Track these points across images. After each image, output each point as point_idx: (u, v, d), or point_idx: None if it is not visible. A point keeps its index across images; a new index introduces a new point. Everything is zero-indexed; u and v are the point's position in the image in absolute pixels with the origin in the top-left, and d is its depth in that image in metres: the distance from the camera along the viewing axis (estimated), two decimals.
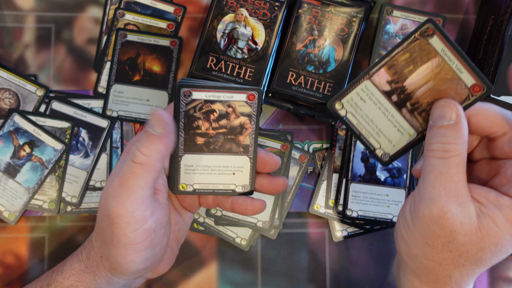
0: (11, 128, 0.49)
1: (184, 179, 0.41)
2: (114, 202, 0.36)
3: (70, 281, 0.40)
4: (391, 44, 0.53)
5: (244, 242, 0.50)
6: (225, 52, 0.47)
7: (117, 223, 0.36)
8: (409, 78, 0.36)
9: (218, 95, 0.39)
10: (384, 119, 0.38)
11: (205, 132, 0.40)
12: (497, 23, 0.47)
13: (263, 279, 0.50)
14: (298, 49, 0.48)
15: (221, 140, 0.40)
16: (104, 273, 0.40)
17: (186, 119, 0.39)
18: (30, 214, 0.50)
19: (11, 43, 0.52)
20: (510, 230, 0.32)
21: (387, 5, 0.53)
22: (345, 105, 0.38)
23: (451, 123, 0.34)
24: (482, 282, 0.51)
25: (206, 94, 0.39)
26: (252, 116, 0.40)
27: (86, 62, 0.52)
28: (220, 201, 0.42)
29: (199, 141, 0.40)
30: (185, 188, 0.41)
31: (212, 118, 0.40)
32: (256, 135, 0.40)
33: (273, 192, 0.42)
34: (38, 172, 0.49)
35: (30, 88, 0.50)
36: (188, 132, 0.40)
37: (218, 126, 0.40)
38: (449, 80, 0.36)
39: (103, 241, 0.38)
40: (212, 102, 0.39)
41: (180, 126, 0.39)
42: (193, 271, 0.50)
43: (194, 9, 0.53)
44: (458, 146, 0.33)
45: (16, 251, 0.49)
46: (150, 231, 0.37)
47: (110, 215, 0.36)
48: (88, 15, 0.52)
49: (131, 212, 0.36)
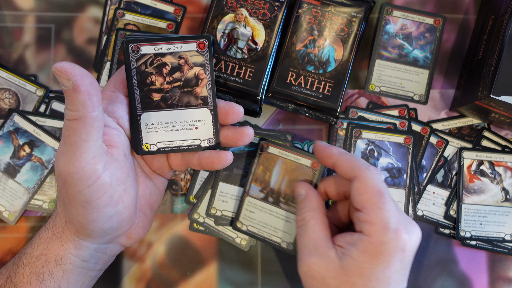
0: (11, 128, 0.49)
1: (147, 139, 0.40)
2: (62, 161, 0.35)
3: (39, 250, 0.40)
4: (391, 44, 0.53)
5: (244, 242, 0.50)
6: (225, 52, 0.47)
7: (69, 182, 0.35)
8: (271, 181, 0.48)
9: (167, 47, 0.38)
10: (273, 218, 0.48)
11: (160, 87, 0.39)
12: (497, 23, 0.47)
13: (263, 279, 0.50)
14: (298, 49, 0.48)
15: (178, 94, 0.39)
16: (70, 237, 0.39)
17: (139, 75, 0.38)
18: (30, 214, 0.50)
19: (11, 43, 0.52)
20: (366, 258, 0.37)
21: (387, 5, 0.53)
22: (244, 222, 0.48)
23: (302, 197, 0.43)
24: (482, 282, 0.51)
25: (155, 48, 0.38)
26: (205, 66, 0.39)
27: (86, 62, 0.52)
28: (188, 159, 0.42)
29: (155, 97, 0.39)
30: (148, 148, 0.40)
31: (165, 72, 0.38)
32: (213, 85, 0.39)
33: (239, 144, 0.41)
34: (38, 172, 0.49)
35: (30, 88, 0.50)
36: (143, 89, 0.39)
37: (173, 80, 0.39)
38: (295, 169, 0.47)
39: (64, 204, 0.38)
40: (163, 55, 0.38)
41: (133, 83, 0.38)
42: (193, 271, 0.50)
43: (194, 9, 0.53)
44: (310, 212, 0.42)
45: (16, 251, 0.49)
46: (106, 186, 0.36)
47: (61, 174, 0.35)
48: (88, 15, 0.52)
49: (81, 168, 0.35)
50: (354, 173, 0.40)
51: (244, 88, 0.47)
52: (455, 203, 0.51)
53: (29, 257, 0.40)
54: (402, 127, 0.51)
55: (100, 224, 0.37)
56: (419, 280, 0.50)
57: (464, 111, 0.51)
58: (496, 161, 0.51)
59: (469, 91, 0.49)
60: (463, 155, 0.51)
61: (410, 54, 0.53)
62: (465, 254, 0.51)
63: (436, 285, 0.50)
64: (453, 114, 0.53)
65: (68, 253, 0.39)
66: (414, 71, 0.52)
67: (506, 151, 0.52)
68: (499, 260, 0.51)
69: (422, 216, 0.51)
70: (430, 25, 0.53)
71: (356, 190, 0.39)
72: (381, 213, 0.38)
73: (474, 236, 0.50)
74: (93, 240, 0.39)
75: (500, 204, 0.51)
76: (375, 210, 0.38)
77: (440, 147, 0.52)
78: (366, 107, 0.52)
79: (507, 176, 0.51)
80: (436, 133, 0.52)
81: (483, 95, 0.45)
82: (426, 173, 0.51)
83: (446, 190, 0.51)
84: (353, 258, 0.37)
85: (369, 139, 0.50)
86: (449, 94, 0.53)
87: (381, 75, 0.52)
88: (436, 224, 0.51)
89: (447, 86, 0.53)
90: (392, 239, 0.37)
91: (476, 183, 0.51)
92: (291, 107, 0.49)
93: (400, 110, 0.52)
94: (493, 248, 0.51)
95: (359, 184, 0.39)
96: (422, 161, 0.51)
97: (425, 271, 0.50)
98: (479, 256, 0.51)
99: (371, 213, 0.38)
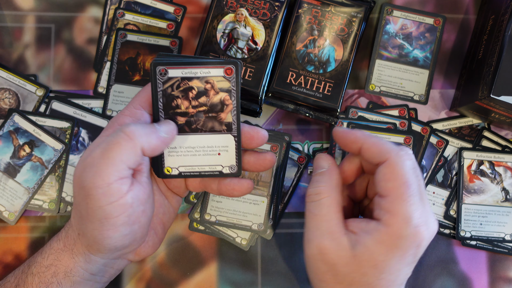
0: (11, 128, 0.49)
1: (169, 162, 0.40)
2: (92, 172, 0.35)
3: (49, 261, 0.40)
4: (391, 44, 0.52)
5: (244, 242, 0.50)
6: (225, 52, 0.47)
7: (92, 195, 0.35)
8: None
9: (194, 71, 0.38)
10: (240, 204, 0.48)
11: (185, 111, 0.39)
12: (497, 23, 0.47)
13: (263, 279, 0.50)
14: (298, 49, 0.48)
15: (202, 119, 0.39)
16: (81, 250, 0.39)
17: (165, 98, 0.38)
18: (30, 214, 0.50)
19: (11, 43, 0.52)
20: (382, 250, 0.35)
21: (387, 5, 0.53)
22: (212, 213, 0.47)
23: (324, 170, 0.40)
24: (482, 282, 0.51)
25: (183, 71, 0.38)
26: (232, 92, 0.38)
27: (86, 62, 0.52)
28: (207, 183, 0.42)
29: (180, 121, 0.39)
30: (170, 171, 0.40)
31: (191, 96, 0.38)
32: (238, 111, 0.39)
33: (260, 170, 0.41)
34: (38, 172, 0.49)
35: (30, 88, 0.50)
36: (168, 112, 0.38)
37: (198, 104, 0.39)
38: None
39: (80, 217, 0.37)
40: (190, 79, 0.38)
41: (159, 106, 0.38)
42: (193, 271, 0.50)
43: (194, 9, 0.53)
44: (327, 188, 0.38)
45: (16, 251, 0.49)
46: (126, 206, 0.36)
47: (86, 185, 0.35)
48: (88, 15, 0.52)
49: (108, 183, 0.35)
50: (384, 156, 0.37)
51: (244, 88, 0.47)
52: (455, 203, 0.51)
53: (38, 266, 0.40)
54: (402, 127, 0.51)
55: (114, 241, 0.37)
56: (419, 280, 0.50)
57: (464, 111, 0.51)
58: (496, 161, 0.51)
59: (469, 91, 0.49)
60: (463, 155, 0.51)
61: (410, 54, 0.53)
62: (465, 254, 0.51)
63: (436, 285, 0.50)
64: (453, 114, 0.53)
65: (77, 266, 0.39)
66: (414, 71, 0.52)
67: (506, 151, 0.52)
68: (499, 260, 0.51)
69: None
70: (430, 25, 0.53)
71: (383, 175, 0.37)
72: (405, 205, 0.35)
73: (474, 236, 0.50)
74: (103, 255, 0.39)
75: (500, 204, 0.51)
76: (399, 201, 0.36)
77: (440, 147, 0.52)
78: (366, 107, 0.52)
79: (507, 176, 0.51)
80: (436, 133, 0.52)
81: (483, 95, 0.44)
82: (426, 173, 0.51)
83: (446, 190, 0.51)
84: (367, 248, 0.36)
85: None
86: (449, 94, 0.53)
87: (381, 75, 0.52)
88: None
89: (447, 86, 0.53)
90: (412, 235, 0.35)
91: (476, 183, 0.51)
92: (291, 107, 0.49)
93: (400, 110, 0.52)
94: (493, 248, 0.51)
95: (387, 170, 0.37)
96: (422, 161, 0.51)
97: (425, 271, 0.50)
98: (479, 256, 0.51)
99: (395, 204, 0.36)
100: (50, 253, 0.40)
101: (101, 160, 0.35)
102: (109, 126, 0.39)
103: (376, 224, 0.36)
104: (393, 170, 0.36)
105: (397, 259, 0.36)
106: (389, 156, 0.37)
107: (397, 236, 0.35)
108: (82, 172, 0.35)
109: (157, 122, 0.39)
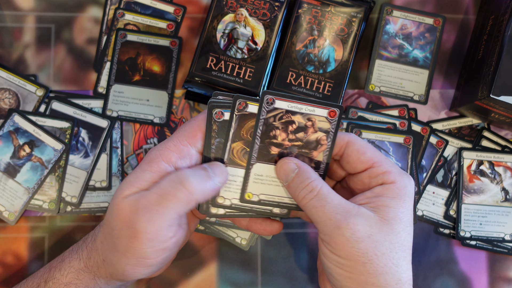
0: (11, 128, 0.49)
1: (252, 188, 0.40)
2: (145, 217, 0.35)
3: (69, 279, 0.40)
4: (391, 44, 0.53)
5: (244, 242, 0.50)
6: (225, 52, 0.47)
7: (139, 238, 0.36)
8: None
9: (300, 107, 0.39)
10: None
11: (281, 142, 0.39)
12: (497, 23, 0.47)
13: (263, 279, 0.50)
14: (298, 49, 0.48)
15: (295, 153, 0.40)
16: (104, 275, 0.40)
17: (265, 127, 0.39)
18: (30, 214, 0.50)
19: (11, 43, 0.52)
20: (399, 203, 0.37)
21: (387, 5, 0.53)
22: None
23: (297, 171, 0.39)
24: (482, 282, 0.51)
25: (289, 105, 0.39)
26: (329, 133, 0.39)
27: (86, 62, 0.52)
28: None
29: (273, 151, 0.40)
30: (250, 197, 0.40)
31: (290, 130, 0.39)
32: (330, 153, 0.40)
33: (265, 234, 0.43)
34: (38, 172, 0.49)
35: (30, 88, 0.50)
36: (264, 140, 0.39)
37: (295, 139, 0.39)
38: None
39: (113, 248, 0.38)
40: (293, 113, 0.39)
41: (257, 133, 0.39)
42: (193, 271, 0.50)
43: (194, 9, 0.53)
44: (316, 180, 0.38)
45: (16, 251, 0.49)
46: (166, 250, 0.37)
47: (135, 227, 0.36)
48: (88, 15, 0.52)
49: (158, 230, 0.36)
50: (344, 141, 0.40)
51: (244, 88, 0.47)
52: (455, 203, 0.51)
53: (57, 283, 0.40)
54: (402, 127, 0.51)
55: (142, 275, 0.38)
56: (418, 280, 0.50)
57: (464, 111, 0.51)
58: (496, 161, 0.51)
59: (469, 91, 0.49)
60: (463, 155, 0.51)
61: (410, 54, 0.53)
62: (465, 254, 0.51)
63: (436, 285, 0.50)
64: (453, 114, 0.53)
65: (97, 286, 0.40)
66: (414, 71, 0.52)
67: (506, 151, 0.52)
68: (499, 260, 0.51)
69: (422, 216, 0.51)
70: (430, 25, 0.53)
71: (356, 151, 0.39)
72: (391, 162, 0.39)
73: (474, 236, 0.50)
74: (126, 282, 0.41)
75: (500, 204, 0.51)
76: (386, 161, 0.39)
77: (440, 147, 0.52)
78: (366, 107, 0.52)
79: (507, 176, 0.51)
80: (436, 133, 0.52)
81: (483, 95, 0.45)
82: (426, 173, 0.51)
83: (446, 190, 0.51)
84: (389, 207, 0.37)
85: (369, 139, 0.50)
86: (449, 94, 0.53)
87: (381, 75, 0.52)
88: (436, 224, 0.51)
89: (447, 86, 0.53)
90: (409, 181, 0.38)
91: (476, 183, 0.51)
92: None
93: (400, 110, 0.52)
94: (493, 248, 0.51)
95: (357, 146, 0.39)
96: (422, 161, 0.51)
97: (424, 271, 0.50)
98: (479, 256, 0.51)
99: (385, 164, 0.39)
100: (70, 271, 0.40)
101: (157, 207, 0.36)
102: (152, 159, 0.38)
103: (381, 187, 0.38)
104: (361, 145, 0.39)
105: (408, 207, 0.38)
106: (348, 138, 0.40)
107: (403, 186, 0.38)
108: (134, 213, 0.36)
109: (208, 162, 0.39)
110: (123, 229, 0.36)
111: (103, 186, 0.50)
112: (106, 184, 0.50)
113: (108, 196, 0.50)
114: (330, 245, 0.36)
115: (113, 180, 0.50)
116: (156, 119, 0.51)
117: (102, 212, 0.50)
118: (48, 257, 0.49)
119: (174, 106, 0.52)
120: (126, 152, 0.51)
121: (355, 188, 0.41)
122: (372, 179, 0.39)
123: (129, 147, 0.51)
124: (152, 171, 0.37)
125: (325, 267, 0.38)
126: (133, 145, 0.51)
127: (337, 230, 0.36)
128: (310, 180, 0.38)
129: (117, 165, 0.51)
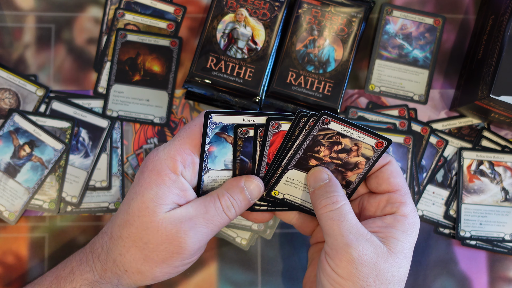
0: (11, 128, 0.49)
1: (280, 188, 0.42)
2: (194, 238, 0.38)
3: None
4: (391, 44, 0.53)
5: (244, 242, 0.50)
6: (225, 52, 0.47)
7: (184, 253, 0.38)
8: None
9: (352, 132, 0.39)
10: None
11: (322, 157, 0.40)
12: (497, 23, 0.47)
13: (263, 279, 0.50)
14: (298, 49, 0.48)
15: (331, 169, 0.41)
16: (126, 283, 0.40)
17: (312, 142, 0.40)
18: (30, 214, 0.50)
19: (11, 43, 0.52)
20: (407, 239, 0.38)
21: (387, 5, 0.53)
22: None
23: (327, 182, 0.40)
24: (482, 282, 0.51)
25: (342, 128, 0.39)
26: (370, 160, 0.40)
27: (86, 62, 0.52)
28: None
29: (312, 163, 0.41)
30: (276, 194, 0.42)
31: (335, 149, 0.40)
32: (363, 178, 0.41)
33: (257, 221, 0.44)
34: (38, 172, 0.49)
35: (30, 88, 0.50)
36: (307, 152, 0.40)
37: (336, 157, 0.40)
38: None
39: (143, 259, 0.39)
40: (343, 136, 0.39)
41: (303, 145, 0.40)
42: (193, 271, 0.50)
43: (194, 9, 0.53)
44: (341, 196, 0.39)
45: (16, 251, 0.49)
46: (194, 260, 0.41)
47: (182, 246, 0.38)
48: (88, 15, 0.52)
49: (198, 247, 0.39)
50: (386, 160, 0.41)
51: (244, 88, 0.47)
52: (455, 203, 0.51)
53: None
54: (402, 127, 0.51)
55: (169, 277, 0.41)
56: (418, 280, 0.50)
57: (464, 111, 0.51)
58: (495, 161, 0.51)
59: (469, 91, 0.49)
60: (463, 155, 0.51)
61: (410, 54, 0.53)
62: (465, 254, 0.51)
63: (436, 285, 0.50)
64: (453, 114, 0.53)
65: None
66: (414, 71, 0.52)
67: (506, 151, 0.52)
68: (499, 260, 0.51)
69: (422, 216, 0.51)
70: (430, 25, 0.53)
71: (390, 172, 0.41)
72: (411, 196, 0.40)
73: (474, 236, 0.50)
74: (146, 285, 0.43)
75: (500, 204, 0.51)
76: (408, 194, 0.40)
77: (440, 147, 0.52)
78: (366, 107, 0.52)
79: (506, 176, 0.51)
80: (436, 133, 0.52)
81: (483, 95, 0.45)
82: (426, 173, 0.51)
83: (446, 190, 0.51)
84: (398, 240, 0.38)
85: None
86: (449, 94, 0.53)
87: (381, 75, 0.52)
88: (436, 224, 0.51)
89: (447, 86, 0.53)
90: (419, 220, 0.40)
91: (476, 183, 0.51)
92: (291, 107, 0.49)
93: (400, 110, 0.52)
94: (493, 248, 0.51)
95: (392, 167, 0.41)
96: (422, 161, 0.51)
97: (424, 271, 0.50)
98: (479, 256, 0.51)
99: (406, 195, 0.40)
100: (83, 283, 0.40)
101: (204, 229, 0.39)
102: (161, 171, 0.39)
103: (393, 217, 0.39)
104: (395, 167, 0.41)
105: (413, 246, 0.39)
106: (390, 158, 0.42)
107: (414, 223, 0.39)
108: (179, 229, 0.38)
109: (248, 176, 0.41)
110: (165, 244, 0.38)
111: (103, 186, 0.50)
112: (106, 184, 0.50)
113: (108, 196, 0.50)
114: (333, 261, 0.37)
115: (113, 180, 0.50)
116: (156, 119, 0.51)
117: (102, 212, 0.50)
118: (48, 257, 0.49)
119: (174, 106, 0.52)
120: (126, 152, 0.51)
121: (367, 208, 0.42)
122: (388, 204, 0.40)
123: (129, 147, 0.51)
124: (166, 184, 0.39)
125: (321, 284, 0.38)
126: (133, 145, 0.51)
127: (346, 248, 0.36)
128: (336, 193, 0.39)
129: (117, 165, 0.51)
